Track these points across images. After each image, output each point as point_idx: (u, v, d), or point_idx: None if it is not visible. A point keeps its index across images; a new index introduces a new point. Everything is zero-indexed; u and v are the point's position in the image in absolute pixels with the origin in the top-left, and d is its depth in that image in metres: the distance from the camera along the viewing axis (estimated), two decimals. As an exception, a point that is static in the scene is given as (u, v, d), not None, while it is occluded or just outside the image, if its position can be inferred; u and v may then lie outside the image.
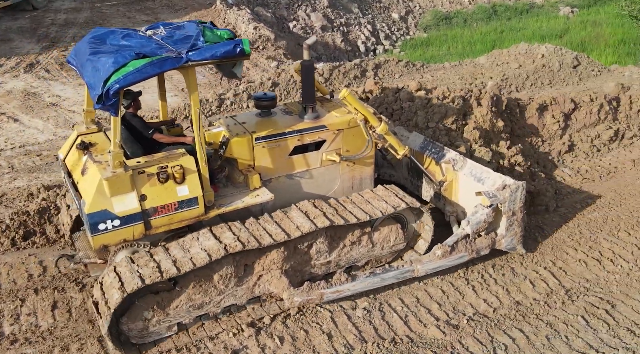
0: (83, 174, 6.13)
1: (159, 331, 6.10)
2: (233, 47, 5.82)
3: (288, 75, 13.12)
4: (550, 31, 26.82)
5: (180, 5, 20.03)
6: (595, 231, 8.11)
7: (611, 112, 11.29)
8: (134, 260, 5.98)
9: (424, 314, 6.61)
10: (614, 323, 6.43)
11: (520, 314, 6.60)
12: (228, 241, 6.10)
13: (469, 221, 7.11)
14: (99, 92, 5.40)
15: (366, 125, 7.19)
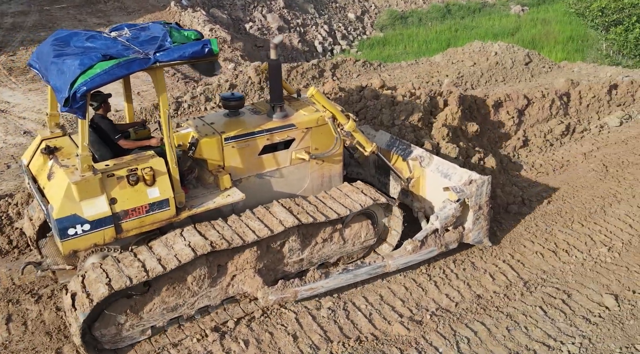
0: (49, 179, 6.00)
1: (133, 336, 6.00)
2: (201, 48, 5.80)
3: (246, 77, 13.03)
4: (503, 29, 27.46)
5: (133, 7, 19.66)
6: (550, 224, 8.33)
7: (562, 107, 11.64)
8: (119, 259, 5.89)
9: (388, 311, 6.66)
10: (570, 312, 6.61)
11: (481, 308, 6.72)
12: (213, 238, 6.10)
13: (438, 216, 7.22)
14: (66, 94, 5.29)
15: (334, 122, 7.22)
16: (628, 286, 6.99)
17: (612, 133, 11.16)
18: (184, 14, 19.31)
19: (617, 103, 11.92)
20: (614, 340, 6.17)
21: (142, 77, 14.04)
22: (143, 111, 11.72)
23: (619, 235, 7.97)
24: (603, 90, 11.74)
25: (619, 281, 7.09)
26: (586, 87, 11.77)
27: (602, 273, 7.26)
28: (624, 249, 7.69)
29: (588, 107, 11.65)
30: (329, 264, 7.26)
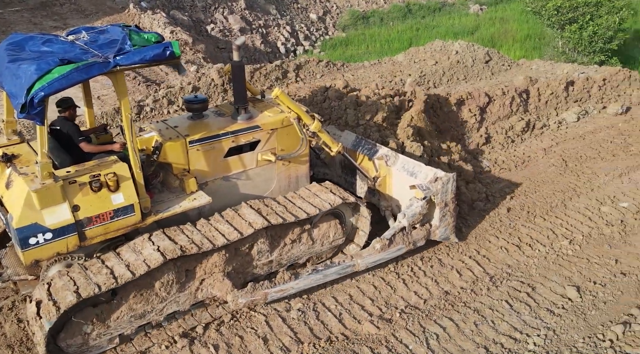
0: (8, 187, 5.83)
1: (100, 345, 5.87)
2: (163, 50, 5.72)
3: (208, 79, 12.90)
4: (463, 28, 27.93)
5: (91, 9, 19.26)
6: (514, 219, 8.49)
7: (522, 104, 11.89)
8: (86, 266, 5.75)
9: (358, 310, 6.68)
10: (535, 305, 6.75)
11: (449, 304, 6.81)
12: (183, 243, 6.02)
13: (405, 214, 7.29)
14: (22, 100, 5.13)
15: (299, 123, 7.20)
16: (589, 278, 7.18)
17: (570, 128, 11.46)
18: (143, 16, 19.01)
19: (574, 99, 12.24)
20: (577, 331, 6.33)
21: (101, 81, 13.76)
22: (104, 115, 11.48)
23: (579, 228, 8.19)
24: (560, 86, 12.04)
25: (580, 273, 7.27)
26: (544, 84, 12.05)
27: (564, 265, 7.45)
28: (584, 241, 7.90)
29: (547, 104, 11.93)
30: (298, 265, 7.24)
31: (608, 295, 6.87)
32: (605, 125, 11.51)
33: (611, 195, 8.94)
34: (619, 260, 7.47)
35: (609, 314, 6.56)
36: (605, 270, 7.30)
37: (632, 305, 6.67)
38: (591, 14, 19.86)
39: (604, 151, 10.37)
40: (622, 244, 7.84)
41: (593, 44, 19.33)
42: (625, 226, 8.21)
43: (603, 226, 8.21)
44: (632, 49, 23.89)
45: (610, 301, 6.77)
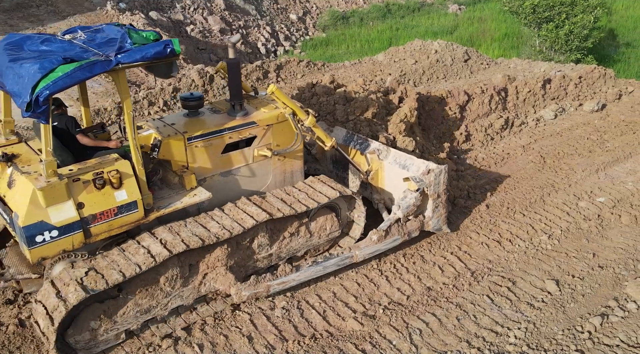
0: (10, 187, 5.85)
1: (107, 340, 5.94)
2: (164, 48, 5.78)
3: (189, 80, 12.88)
4: (442, 28, 28.16)
5: (68, 11, 19.04)
6: (494, 215, 8.62)
7: (501, 102, 12.06)
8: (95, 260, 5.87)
9: (342, 308, 6.74)
10: (516, 299, 6.87)
11: (431, 299, 6.89)
12: (185, 236, 6.16)
13: (400, 205, 7.46)
14: (27, 99, 5.16)
15: (294, 118, 7.34)
16: (568, 271, 7.32)
17: (547, 125, 11.64)
18: (121, 17, 18.87)
19: (551, 97, 12.44)
20: (556, 323, 6.45)
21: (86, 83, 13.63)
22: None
23: (558, 223, 8.34)
24: (538, 84, 12.23)
25: (559, 267, 7.41)
26: (522, 82, 12.24)
27: (543, 260, 7.58)
28: (563, 236, 8.05)
29: (525, 102, 12.11)
30: (296, 258, 7.40)
31: (586, 287, 7.01)
32: (581, 122, 11.73)
33: (588, 191, 9.12)
34: (596, 254, 7.63)
35: (587, 307, 6.70)
36: (583, 264, 7.45)
37: (609, 297, 6.82)
38: (567, 13, 20.16)
39: (580, 147, 10.57)
40: (599, 238, 8.00)
41: (569, 43, 19.63)
42: (602, 220, 8.38)
43: (581, 221, 8.37)
44: (607, 47, 24.32)
45: (588, 294, 6.92)
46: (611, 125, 11.46)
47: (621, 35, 25.75)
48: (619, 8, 30.43)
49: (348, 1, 31.28)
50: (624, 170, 9.72)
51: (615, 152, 10.30)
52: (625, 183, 9.31)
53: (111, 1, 19.98)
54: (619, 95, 12.79)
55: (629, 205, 8.69)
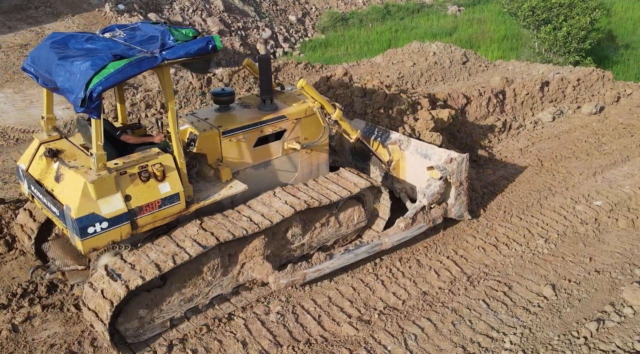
0: (58, 181, 6.03)
1: (153, 328, 6.18)
2: (206, 44, 5.96)
3: (187, 82, 12.86)
4: (441, 29, 28.14)
5: (66, 12, 19.02)
6: (491, 219, 8.59)
7: (498, 104, 12.04)
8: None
9: (337, 312, 6.71)
10: (512, 304, 6.84)
11: (427, 304, 6.86)
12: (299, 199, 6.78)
13: (425, 193, 7.73)
14: (82, 95, 5.33)
15: (322, 112, 7.55)
16: (564, 276, 7.29)
17: (545, 128, 11.62)
18: (120, 18, 18.86)
19: (549, 99, 12.42)
20: (552, 328, 6.42)
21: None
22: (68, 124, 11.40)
23: (555, 227, 8.31)
24: (536, 87, 12.21)
25: (555, 271, 7.38)
26: (520, 84, 12.22)
27: (540, 264, 7.55)
28: (560, 240, 8.02)
29: (522, 104, 12.09)
30: (325, 247, 7.61)
31: (582, 292, 6.99)
32: (579, 124, 11.70)
33: (585, 194, 9.10)
34: (593, 258, 7.60)
35: (584, 312, 6.67)
36: (580, 268, 7.42)
37: (606, 302, 6.80)
38: (565, 14, 20.15)
39: (578, 150, 10.54)
40: (596, 242, 7.97)
41: (567, 44, 19.62)
42: (599, 224, 8.35)
43: (578, 224, 8.34)
44: (606, 49, 24.30)
45: (584, 299, 6.89)
46: (609, 128, 11.43)
47: (620, 36, 25.73)
48: (619, 9, 30.40)
49: (347, 2, 31.27)
50: (622, 174, 9.69)
51: (612, 155, 10.27)
52: (623, 186, 9.28)
53: (109, 2, 19.98)
54: (617, 97, 12.76)
55: (626, 209, 8.66)
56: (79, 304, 6.45)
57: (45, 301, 6.72)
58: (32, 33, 17.19)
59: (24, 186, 6.72)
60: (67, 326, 6.35)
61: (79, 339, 6.18)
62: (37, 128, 11.03)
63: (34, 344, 6.09)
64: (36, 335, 6.22)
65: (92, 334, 6.25)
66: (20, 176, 6.73)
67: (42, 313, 6.52)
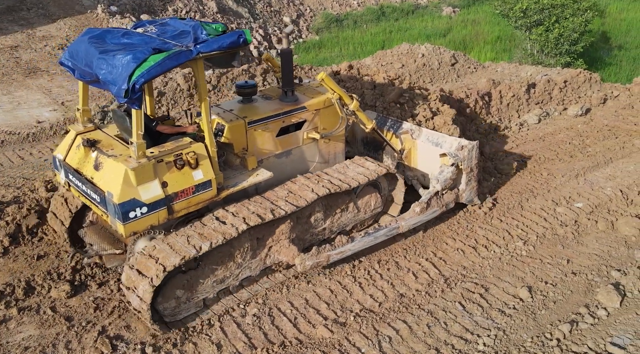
0: (97, 169, 6.34)
1: (188, 308, 6.57)
2: (237, 38, 6.25)
3: (175, 84, 12.89)
4: (435, 30, 28.17)
5: (58, 14, 19.06)
6: (471, 221, 8.62)
7: (484, 106, 12.06)
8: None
9: (313, 315, 6.74)
10: (487, 306, 6.87)
11: (403, 306, 6.89)
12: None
13: (438, 179, 8.13)
14: (125, 86, 5.61)
15: (340, 103, 7.90)
16: (541, 278, 7.32)
17: (531, 130, 11.65)
18: (112, 20, 18.90)
19: (536, 101, 12.46)
20: (526, 330, 6.45)
21: (66, 87, 13.69)
22: (67, 122, 11.42)
23: (534, 229, 8.34)
24: (522, 89, 12.25)
25: (533, 273, 7.42)
26: (506, 86, 12.25)
27: (517, 266, 7.58)
28: (538, 242, 8.05)
29: (508, 106, 12.13)
30: (344, 232, 7.93)
31: (558, 294, 7.02)
32: (565, 126, 11.73)
33: (567, 196, 9.13)
34: (570, 260, 7.64)
35: (558, 314, 6.71)
36: (557, 270, 7.46)
37: (581, 304, 6.83)
38: (557, 16, 20.18)
39: (562, 152, 10.57)
40: (575, 244, 8.01)
41: (559, 46, 19.65)
42: (579, 226, 8.38)
43: (557, 226, 8.37)
44: (600, 50, 24.33)
45: (560, 301, 6.92)
46: (594, 130, 11.46)
47: (614, 38, 25.77)
48: (613, 11, 30.44)
49: (342, 4, 31.30)
50: (604, 176, 9.72)
51: (596, 157, 10.30)
52: (604, 188, 9.31)
53: (102, 4, 20.02)
54: (604, 99, 12.80)
55: (606, 211, 8.69)
56: (55, 308, 6.54)
57: (21, 303, 6.75)
58: (24, 35, 17.22)
59: (60, 175, 7.01)
60: (43, 329, 6.38)
61: (54, 342, 6.21)
62: (23, 130, 11.09)
63: (8, 346, 6.12)
64: (11, 338, 6.25)
65: (67, 337, 6.29)
66: (56, 166, 7.01)
67: (17, 315, 6.55)
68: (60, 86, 13.65)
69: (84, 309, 6.66)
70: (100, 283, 7.09)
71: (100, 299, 6.83)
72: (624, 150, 10.55)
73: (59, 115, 11.85)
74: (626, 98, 12.97)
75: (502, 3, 21.53)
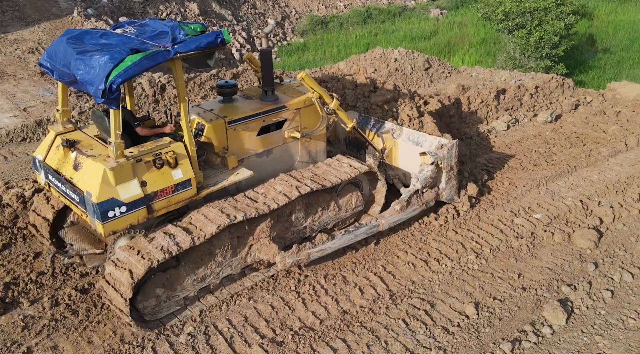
0: (77, 169, 6.36)
1: (169, 307, 6.63)
2: (215, 38, 6.32)
3: (139, 89, 12.68)
4: (421, 33, 27.98)
5: (34, 17, 18.86)
6: (426, 233, 8.41)
7: (455, 112, 11.84)
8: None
9: (251, 333, 6.53)
10: (432, 323, 6.66)
11: (345, 324, 6.68)
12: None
13: (418, 178, 8.20)
14: (103, 87, 5.65)
15: (320, 102, 7.94)
16: (490, 293, 7.12)
17: (498, 137, 11.44)
18: (86, 23, 18.69)
19: (505, 107, 12.26)
20: (467, 349, 6.25)
21: (31, 92, 13.48)
22: (24, 129, 11.21)
23: (489, 241, 8.13)
24: (491, 95, 12.04)
25: (482, 288, 7.21)
26: (475, 92, 12.04)
27: (468, 280, 7.38)
28: (492, 255, 7.85)
29: (477, 112, 11.92)
30: (326, 230, 7.95)
31: (505, 311, 6.82)
32: (533, 133, 11.53)
33: (526, 206, 8.92)
34: (522, 274, 7.43)
35: (503, 331, 6.51)
36: (507, 285, 7.25)
37: (527, 321, 6.63)
38: (539, 19, 19.98)
39: (526, 160, 10.36)
40: (529, 257, 7.80)
41: (539, 50, 19.45)
42: (535, 238, 8.18)
43: (512, 239, 8.17)
44: (585, 53, 24.15)
45: (506, 317, 6.72)
46: (562, 137, 11.26)
47: (600, 41, 25.58)
48: (601, 13, 30.27)
49: (328, 5, 31.09)
50: (566, 185, 9.52)
51: (560, 166, 10.09)
52: (565, 198, 9.11)
53: (79, 7, 19.82)
54: (576, 105, 12.60)
55: (564, 222, 8.49)
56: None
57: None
58: (-4, 38, 17.02)
59: (40, 176, 7.03)
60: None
61: None
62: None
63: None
64: None
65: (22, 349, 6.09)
66: (36, 166, 7.02)
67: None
68: (25, 91, 13.44)
69: (12, 329, 6.44)
70: (33, 300, 6.87)
71: (30, 318, 6.61)
72: (590, 158, 10.35)
73: (18, 122, 11.63)
74: (599, 104, 12.77)
75: (485, 5, 21.34)
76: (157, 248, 6.20)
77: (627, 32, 26.49)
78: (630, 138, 10.92)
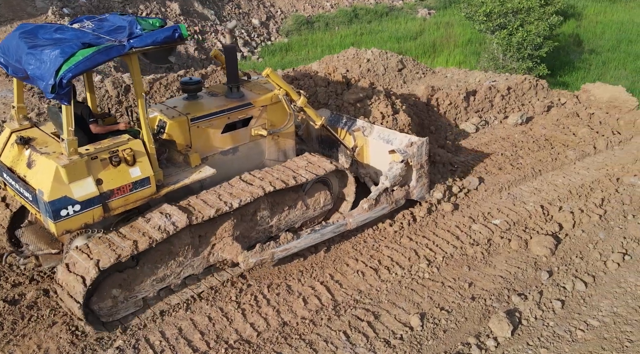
0: (30, 167, 6.23)
1: (127, 308, 6.51)
2: (172, 33, 6.18)
3: (102, 91, 12.39)
4: (407, 33, 27.72)
5: (7, 16, 18.57)
6: (379, 239, 8.12)
7: (425, 114, 11.56)
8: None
9: (183, 347, 6.24)
10: (374, 336, 6.38)
11: (283, 337, 6.40)
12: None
13: (387, 176, 8.10)
14: (52, 82, 5.54)
15: (287, 99, 7.83)
16: (438, 303, 6.84)
17: (466, 140, 11.16)
18: (61, 22, 18.38)
19: (475, 109, 11.98)
20: (407, 364, 5.97)
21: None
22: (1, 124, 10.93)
23: (444, 248, 7.85)
24: (460, 97, 11.77)
25: (431, 298, 6.94)
26: (443, 94, 11.76)
27: (417, 290, 7.10)
28: (444, 263, 7.56)
29: (445, 114, 11.64)
30: (293, 229, 7.81)
31: (451, 322, 6.54)
32: (502, 136, 11.25)
33: (486, 212, 8.64)
34: (473, 283, 7.16)
35: (446, 344, 6.23)
36: (457, 295, 6.98)
37: (472, 333, 6.36)
38: (522, 19, 19.69)
39: (491, 164, 10.07)
40: (482, 265, 7.53)
41: (521, 51, 19.17)
42: (491, 245, 7.90)
43: (468, 246, 7.89)
44: (571, 54, 23.86)
45: (451, 329, 6.44)
46: (530, 140, 10.98)
47: (587, 41, 25.30)
48: (590, 13, 30.03)
49: (315, 5, 30.83)
50: (529, 189, 9.24)
51: (525, 170, 9.81)
52: (527, 203, 8.83)
53: (54, 6, 19.53)
54: (548, 107, 12.32)
55: (523, 229, 8.21)
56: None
57: None
58: (-34, 38, 16.71)
59: None
60: None
61: None
62: None
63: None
64: None
65: None
66: None
67: None
68: None
69: None
70: (-42, 311, 6.59)
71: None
72: (556, 161, 10.07)
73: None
74: (572, 106, 12.50)
75: (468, 5, 21.06)
76: (109, 250, 6.06)
77: (614, 32, 26.24)
78: (599, 141, 10.65)
